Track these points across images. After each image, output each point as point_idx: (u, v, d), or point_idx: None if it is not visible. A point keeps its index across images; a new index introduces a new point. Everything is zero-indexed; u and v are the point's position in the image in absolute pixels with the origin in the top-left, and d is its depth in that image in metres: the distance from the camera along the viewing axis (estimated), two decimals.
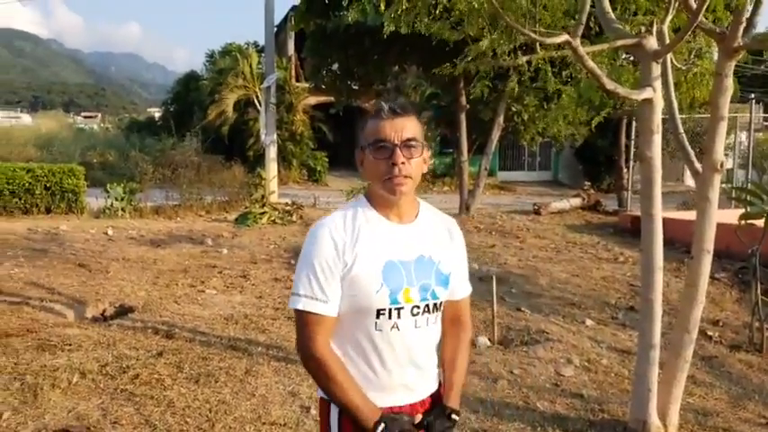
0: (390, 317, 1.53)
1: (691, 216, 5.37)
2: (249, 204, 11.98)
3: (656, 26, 3.00)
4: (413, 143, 1.50)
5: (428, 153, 1.58)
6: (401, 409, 1.58)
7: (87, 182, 11.80)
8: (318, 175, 21.02)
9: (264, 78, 14.85)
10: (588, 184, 16.58)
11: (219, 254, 7.95)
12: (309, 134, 20.82)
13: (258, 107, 15.97)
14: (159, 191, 12.71)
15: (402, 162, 1.48)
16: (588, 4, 2.46)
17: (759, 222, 4.76)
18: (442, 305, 1.63)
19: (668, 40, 3.03)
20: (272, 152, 14.41)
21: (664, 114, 3.06)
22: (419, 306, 1.55)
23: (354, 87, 13.60)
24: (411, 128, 1.51)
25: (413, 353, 1.58)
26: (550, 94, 9.87)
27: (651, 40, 2.88)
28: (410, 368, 1.59)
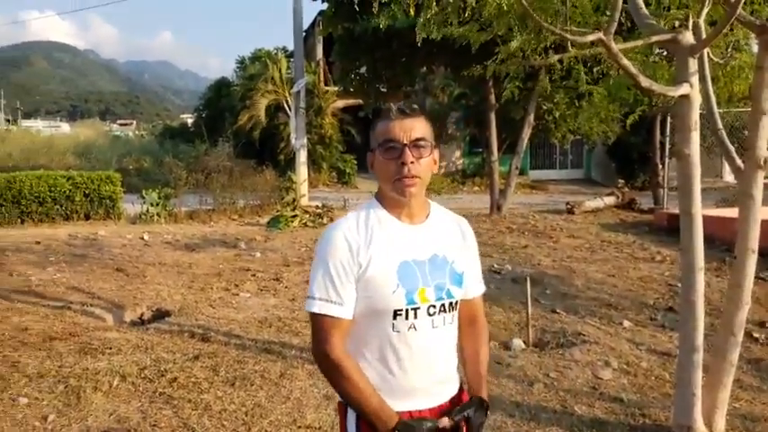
0: (407, 317, 1.52)
1: (731, 213, 5.22)
2: (280, 208, 12.10)
3: (691, 20, 2.93)
4: (422, 143, 1.50)
5: (437, 153, 1.57)
6: (420, 413, 1.55)
7: (124, 188, 12.08)
8: (348, 178, 21.12)
9: (294, 83, 15.00)
10: (622, 181, 16.29)
11: (252, 257, 8.05)
12: (338, 137, 20.94)
13: (288, 111, 16.13)
14: (193, 196, 12.92)
15: (411, 162, 1.48)
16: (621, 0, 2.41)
17: None
18: (458, 305, 1.62)
19: (705, 34, 2.95)
20: (302, 156, 14.54)
21: (701, 110, 2.98)
22: (435, 306, 1.55)
23: (382, 90, 13.61)
24: (420, 128, 1.51)
25: (431, 354, 1.57)
26: (582, 91, 9.73)
27: (687, 35, 2.81)
28: (428, 370, 1.57)
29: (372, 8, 3.46)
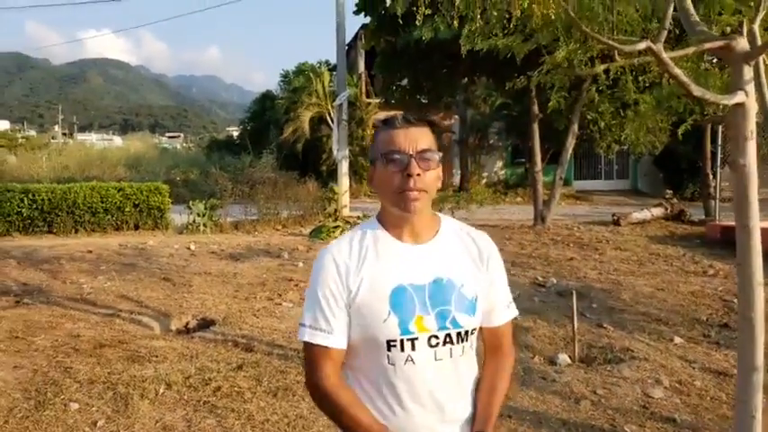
0: (403, 349, 1.36)
1: None
2: (323, 218, 12.22)
3: (746, 26, 2.82)
4: (428, 154, 1.37)
5: (440, 169, 1.43)
6: None
7: (171, 199, 12.42)
8: None
9: (336, 96, 15.17)
10: (670, 192, 15.76)
11: (296, 267, 8.13)
12: None
13: (330, 124, 16.33)
14: (238, 206, 13.18)
15: (417, 174, 1.35)
16: (671, 7, 2.34)
17: None
18: (473, 334, 1.44)
19: (760, 40, 2.83)
20: (344, 167, 14.68)
21: (757, 118, 2.86)
22: (438, 336, 1.38)
23: (423, 101, 13.63)
24: (426, 138, 1.39)
25: (436, 390, 1.40)
26: (627, 101, 9.51)
27: (741, 42, 2.71)
28: (434, 408, 1.40)
29: (416, 21, 3.46)
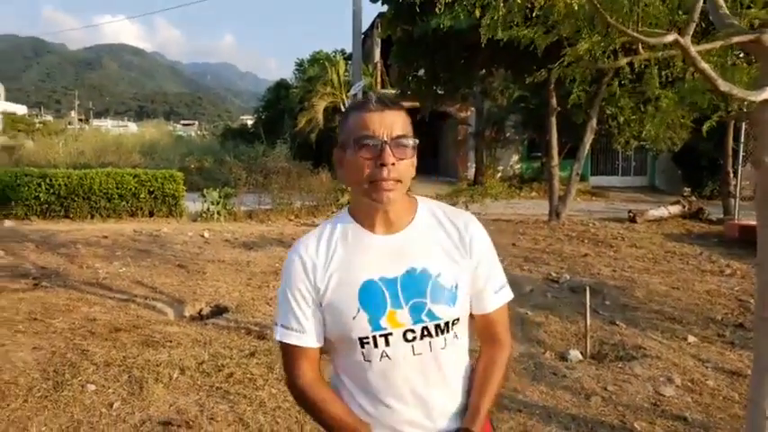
0: (377, 345, 1.30)
1: None
2: (336, 209, 12.24)
3: None
4: (404, 141, 1.27)
5: (415, 156, 1.33)
6: None
7: (186, 187, 12.50)
8: None
9: (351, 85, 15.14)
10: (688, 190, 15.61)
11: None
12: None
13: None
14: (252, 196, 13.23)
15: (392, 162, 1.25)
16: None
17: None
18: (457, 324, 1.35)
19: None
20: None
21: None
22: (414, 330, 1.30)
23: (440, 92, 13.56)
24: (402, 123, 1.28)
25: (417, 385, 1.34)
26: (648, 96, 9.39)
27: None
28: (417, 403, 1.34)
29: (436, 9, 3.42)
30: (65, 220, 11.27)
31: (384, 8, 11.84)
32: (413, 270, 1.32)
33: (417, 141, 1.31)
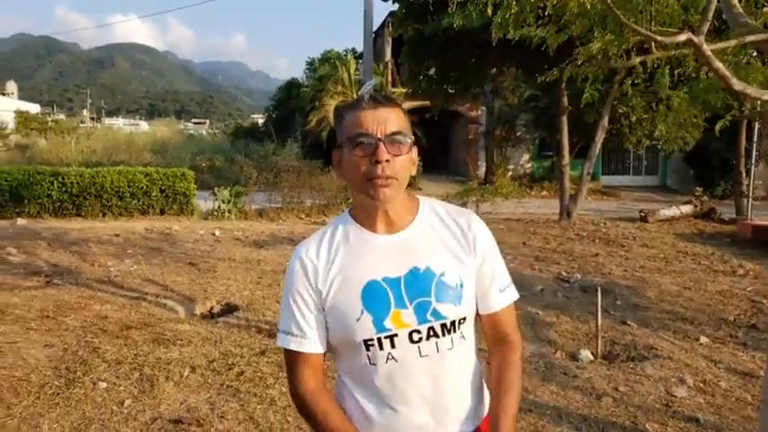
0: (382, 347, 1.28)
1: None
2: (345, 208, 12.23)
3: None
4: (399, 137, 1.26)
5: (415, 152, 1.34)
6: None
7: (197, 185, 12.56)
8: (412, 179, 21.04)
9: (362, 84, 15.14)
10: (700, 190, 15.45)
11: None
12: None
13: None
14: (263, 194, 13.27)
15: (387, 159, 1.24)
16: None
17: None
18: (464, 324, 1.33)
19: None
20: None
21: None
22: (420, 330, 1.28)
23: (450, 91, 13.52)
24: (396, 120, 1.28)
25: (424, 388, 1.30)
26: (661, 96, 9.32)
27: None
28: (425, 407, 1.31)
29: (448, 8, 3.41)
30: (77, 219, 11.36)
31: (395, 7, 11.82)
32: (416, 269, 1.30)
33: (413, 138, 1.31)
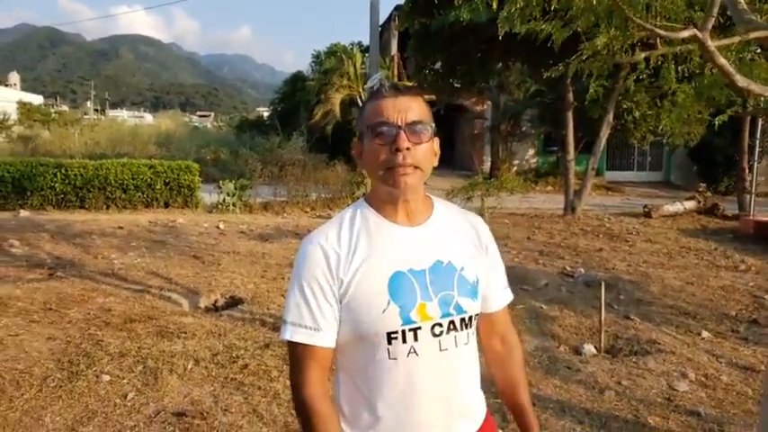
0: (405, 340, 1.24)
1: None
2: (351, 202, 12.25)
3: None
4: (419, 126, 1.24)
5: (437, 143, 1.31)
6: None
7: (201, 178, 12.57)
8: None
9: (368, 78, 15.11)
10: (704, 185, 15.43)
11: None
12: None
13: None
14: (268, 187, 13.29)
15: (407, 147, 1.22)
16: None
17: None
18: (476, 319, 1.34)
19: None
20: None
21: None
22: (441, 324, 1.26)
23: (456, 85, 13.50)
24: (417, 109, 1.26)
25: (439, 383, 1.28)
26: (665, 91, 9.28)
27: None
28: (440, 404, 1.29)
29: (454, 2, 3.40)
30: (80, 211, 11.39)
31: (402, 0, 11.80)
32: (439, 262, 1.29)
33: (434, 127, 1.29)
